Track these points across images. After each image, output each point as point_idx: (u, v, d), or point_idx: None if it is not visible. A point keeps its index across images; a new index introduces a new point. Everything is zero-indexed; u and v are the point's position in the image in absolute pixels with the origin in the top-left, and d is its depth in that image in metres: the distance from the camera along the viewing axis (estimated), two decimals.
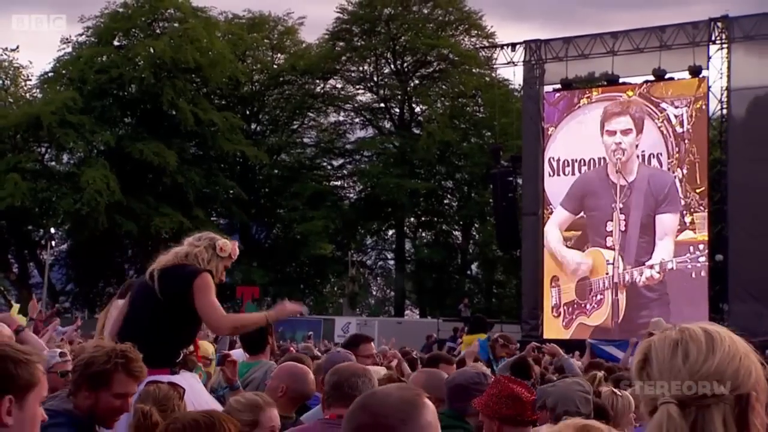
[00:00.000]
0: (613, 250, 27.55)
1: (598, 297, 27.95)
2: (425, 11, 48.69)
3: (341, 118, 51.53)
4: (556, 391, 5.91)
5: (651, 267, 27.16)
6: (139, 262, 46.95)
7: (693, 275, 27.05)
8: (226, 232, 40.69)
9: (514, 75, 33.50)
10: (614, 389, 6.77)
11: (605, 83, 28.90)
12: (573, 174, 28.61)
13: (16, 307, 10.15)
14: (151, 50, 42.95)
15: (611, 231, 27.61)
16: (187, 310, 5.91)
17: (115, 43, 44.61)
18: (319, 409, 5.70)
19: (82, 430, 4.44)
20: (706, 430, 2.09)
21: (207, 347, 8.00)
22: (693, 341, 2.19)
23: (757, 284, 25.86)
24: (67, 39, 45.29)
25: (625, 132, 27.73)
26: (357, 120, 51.38)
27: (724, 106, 27.88)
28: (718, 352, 2.16)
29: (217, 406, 5.28)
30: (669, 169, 27.28)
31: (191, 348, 6.57)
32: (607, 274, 27.73)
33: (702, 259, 27.04)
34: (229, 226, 44.22)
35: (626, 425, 6.44)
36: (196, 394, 5.49)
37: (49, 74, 45.40)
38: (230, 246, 6.26)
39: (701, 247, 27.14)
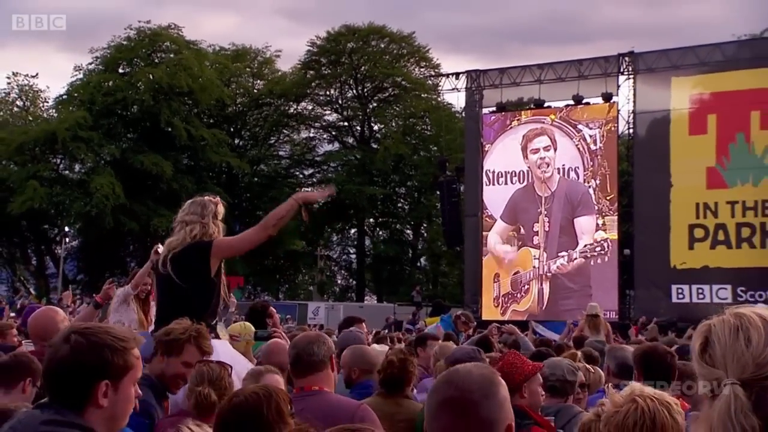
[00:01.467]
0: (539, 248, 27.79)
1: (526, 287, 28.20)
2: (382, 45, 49.29)
3: (311, 135, 51.99)
4: (549, 363, 5.84)
5: (571, 260, 27.39)
6: (140, 255, 47.18)
7: (605, 268, 27.20)
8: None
9: (457, 99, 33.71)
10: (587, 365, 6.77)
11: (533, 107, 29.13)
12: (506, 183, 28.71)
13: None
14: (151, 76, 43.24)
15: (537, 232, 27.84)
16: (207, 283, 5.67)
17: (120, 70, 44.68)
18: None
19: (155, 391, 4.39)
20: (766, 407, 2.07)
21: (236, 327, 7.55)
22: (753, 327, 2.17)
23: (656, 274, 26.42)
24: (78, 67, 45.95)
25: (547, 149, 28.01)
26: (324, 136, 51.80)
27: (631, 126, 28.21)
28: None
29: (250, 365, 5.32)
30: (584, 180, 27.44)
31: None
32: (534, 267, 27.94)
33: (613, 254, 27.29)
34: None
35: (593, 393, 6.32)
36: (232, 359, 5.10)
37: (64, 97, 45.54)
38: (222, 208, 5.94)
39: (612, 244, 27.33)
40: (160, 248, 7.76)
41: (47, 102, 49.69)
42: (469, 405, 2.42)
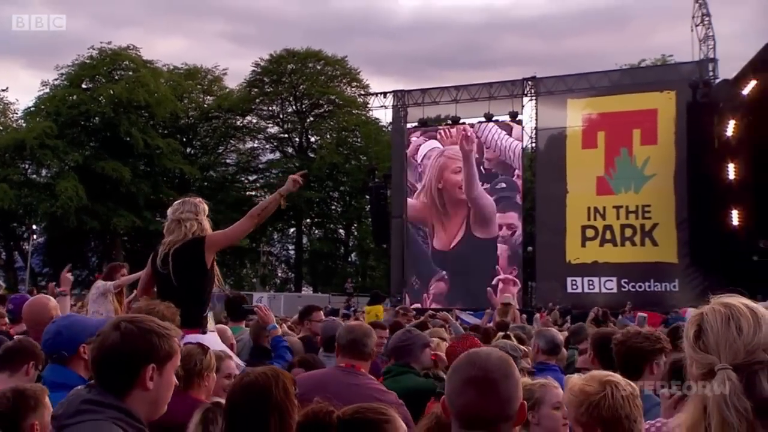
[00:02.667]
0: None
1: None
2: (318, 67, 49.43)
3: (255, 145, 51.73)
4: (501, 344, 5.68)
5: None
6: (100, 251, 46.78)
7: (513, 262, 27.65)
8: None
9: (384, 115, 33.78)
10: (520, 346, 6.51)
11: (450, 123, 29.34)
12: (438, 185, 28.78)
13: None
14: (111, 91, 42.69)
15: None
16: (204, 276, 5.52)
17: (83, 86, 43.98)
18: None
19: None
20: (756, 390, 2.04)
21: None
22: (743, 316, 2.14)
23: (554, 268, 26.81)
24: (45, 82, 45.30)
25: (463, 160, 28.25)
26: (267, 146, 51.60)
27: (533, 141, 28.55)
28: (763, 326, 2.12)
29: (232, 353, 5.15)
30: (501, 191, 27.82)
31: None
32: None
33: (519, 251, 27.77)
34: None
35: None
36: (218, 346, 4.90)
37: (32, 108, 44.67)
38: (206, 207, 5.83)
39: (520, 242, 27.79)
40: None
41: (16, 113, 48.67)
42: (492, 383, 2.41)
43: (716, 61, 25.46)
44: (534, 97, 28.11)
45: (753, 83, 22.16)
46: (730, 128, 22.74)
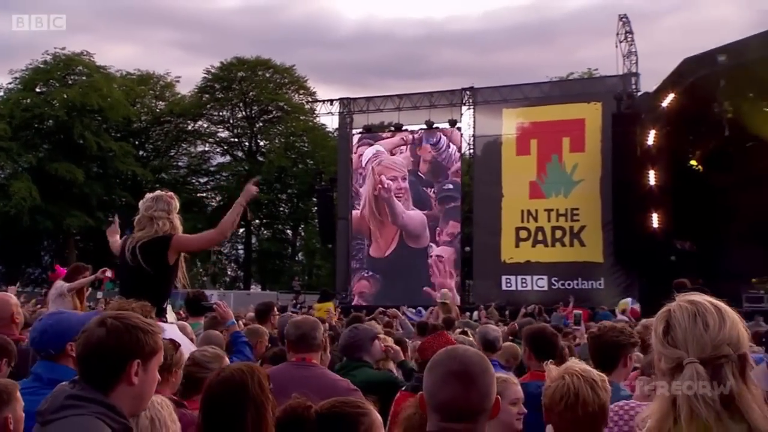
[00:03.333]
0: None
1: None
2: (267, 75, 49.08)
3: (206, 149, 51.04)
4: (463, 341, 5.67)
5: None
6: (53, 250, 45.89)
7: (453, 261, 27.80)
8: (120, 229, 40.48)
9: (331, 121, 33.39)
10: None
11: (393, 129, 29.46)
12: (374, 192, 28.74)
13: None
14: (65, 95, 41.66)
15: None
16: (166, 271, 5.44)
17: (37, 89, 42.85)
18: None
19: None
20: (722, 382, 2.05)
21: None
22: (708, 313, 2.15)
23: (490, 267, 26.89)
24: None
25: (404, 164, 28.41)
26: (218, 150, 50.87)
27: (471, 147, 28.61)
28: (727, 322, 2.13)
29: (193, 348, 4.91)
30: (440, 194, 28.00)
31: None
32: None
33: (458, 251, 27.91)
34: (122, 225, 43.41)
35: None
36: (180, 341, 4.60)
37: None
38: (178, 203, 5.68)
39: (458, 243, 27.94)
40: (108, 273, 7.71)
41: None
42: (472, 377, 2.39)
43: (638, 75, 25.90)
44: (472, 106, 28.23)
45: (671, 96, 22.81)
46: (651, 137, 23.25)
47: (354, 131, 30.07)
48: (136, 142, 48.80)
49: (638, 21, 21.76)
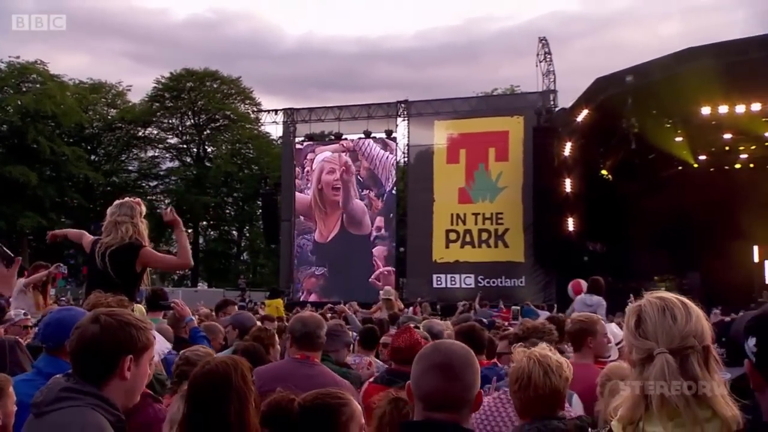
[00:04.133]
0: None
1: None
2: (215, 86, 48.59)
3: (156, 154, 50.12)
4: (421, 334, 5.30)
5: None
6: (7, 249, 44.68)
7: (385, 259, 27.86)
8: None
9: (275, 130, 33.18)
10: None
11: (334, 138, 29.51)
12: (336, 191, 28.58)
13: None
14: (20, 102, 40.65)
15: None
16: (134, 276, 5.40)
17: None
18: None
19: None
20: (689, 371, 2.06)
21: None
22: (676, 307, 2.15)
23: (422, 266, 27.02)
24: None
25: (344, 172, 28.35)
26: (167, 155, 50.05)
27: (406, 155, 28.74)
28: (693, 316, 2.14)
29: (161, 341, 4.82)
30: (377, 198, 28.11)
31: None
32: None
33: (393, 251, 27.96)
34: (73, 226, 42.67)
35: None
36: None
37: None
38: (144, 208, 5.63)
39: (393, 244, 28.00)
40: (62, 267, 7.64)
41: None
42: (456, 370, 2.36)
43: (556, 93, 26.23)
44: (406, 118, 28.28)
45: (585, 112, 23.24)
46: (567, 149, 23.68)
47: (297, 139, 29.85)
48: (89, 147, 47.73)
49: (556, 43, 22.49)
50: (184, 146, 50.47)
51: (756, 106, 23.31)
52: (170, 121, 49.57)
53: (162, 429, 3.15)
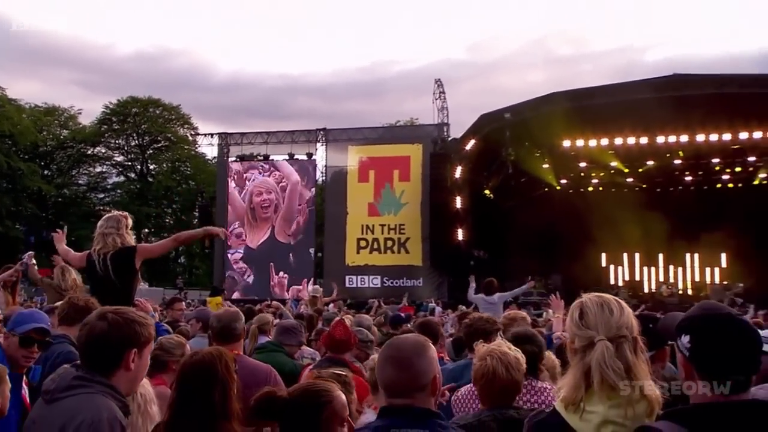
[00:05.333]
0: None
1: None
2: (157, 112, 47.12)
3: (104, 170, 48.23)
4: (357, 329, 5.31)
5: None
6: None
7: (308, 265, 27.57)
8: (26, 235, 38.12)
9: (211, 151, 32.72)
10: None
11: (262, 159, 28.77)
12: (266, 209, 27.87)
13: None
14: None
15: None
16: (133, 274, 5.15)
17: None
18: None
19: (73, 344, 3.81)
20: (623, 356, 2.06)
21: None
22: (612, 303, 2.16)
23: (337, 269, 26.49)
24: None
25: (269, 191, 27.96)
26: (114, 171, 48.25)
27: (324, 175, 28.51)
28: (624, 312, 2.15)
29: None
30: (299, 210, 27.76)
31: None
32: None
33: (312, 256, 27.77)
34: (28, 232, 40.73)
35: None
36: None
37: None
38: (131, 221, 5.39)
39: (312, 250, 27.82)
40: (26, 257, 7.26)
41: None
42: (406, 361, 2.27)
43: (449, 125, 26.62)
44: (324, 143, 28.10)
45: (472, 142, 23.69)
46: (458, 172, 23.98)
47: (230, 159, 29.23)
48: (42, 163, 45.63)
49: (448, 84, 22.97)
50: (129, 163, 48.86)
51: (604, 141, 24.42)
52: (117, 141, 47.88)
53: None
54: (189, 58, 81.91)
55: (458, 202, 24.01)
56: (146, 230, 48.45)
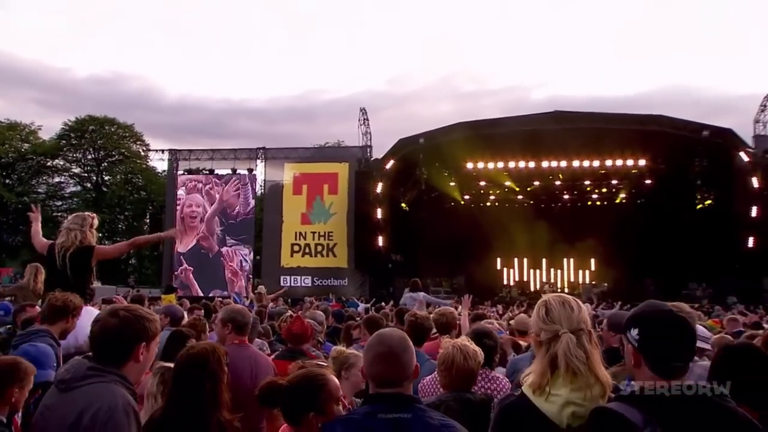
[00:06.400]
0: None
1: None
2: (112, 129, 44.81)
3: (62, 180, 45.53)
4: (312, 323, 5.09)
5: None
6: None
7: (246, 267, 26.74)
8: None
9: (161, 164, 31.60)
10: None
11: (208, 173, 27.78)
12: (193, 219, 26.85)
13: None
14: None
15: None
16: (88, 273, 5.06)
17: None
18: None
19: (53, 338, 3.86)
20: (583, 346, 2.07)
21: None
22: (571, 302, 2.16)
23: (273, 270, 26.10)
24: None
25: (197, 204, 27.00)
26: (71, 181, 45.54)
27: (263, 188, 28.00)
28: (582, 309, 2.16)
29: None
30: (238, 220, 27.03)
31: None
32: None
33: (251, 260, 26.92)
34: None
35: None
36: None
37: None
38: (96, 221, 5.32)
39: (251, 254, 27.00)
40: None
41: None
42: (396, 356, 2.23)
43: (372, 147, 26.47)
44: (264, 160, 27.45)
45: (391, 162, 23.76)
46: (379, 188, 23.86)
47: (178, 173, 28.14)
48: (4, 173, 42.83)
49: (371, 111, 22.94)
50: (86, 174, 46.34)
51: (500, 164, 25.17)
52: (74, 155, 45.36)
53: None
54: (141, 82, 79.36)
55: (379, 213, 23.91)
56: (100, 235, 46.21)
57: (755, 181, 21.01)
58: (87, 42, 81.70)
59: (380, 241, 24.07)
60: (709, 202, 24.77)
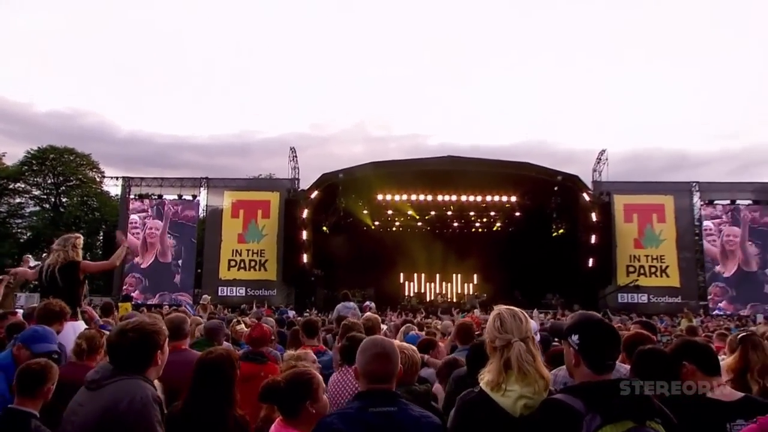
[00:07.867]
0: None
1: None
2: (71, 158, 40.87)
3: (23, 201, 40.92)
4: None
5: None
6: None
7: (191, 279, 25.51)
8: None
9: (115, 189, 29.46)
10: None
11: (157, 198, 26.05)
12: (150, 237, 25.41)
13: None
14: None
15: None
16: (78, 284, 4.86)
17: None
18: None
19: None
20: (530, 351, 2.08)
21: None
22: (519, 314, 2.16)
23: (212, 282, 24.80)
24: None
25: (156, 229, 25.61)
26: (31, 202, 40.92)
27: (205, 212, 26.14)
28: (529, 320, 2.18)
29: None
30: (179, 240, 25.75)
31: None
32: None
33: (193, 273, 25.63)
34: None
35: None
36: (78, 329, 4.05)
37: None
38: (80, 241, 5.10)
39: (194, 268, 25.65)
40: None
41: None
42: (388, 356, 2.20)
43: (299, 179, 25.96)
44: (206, 188, 26.31)
45: (315, 192, 23.35)
46: (304, 214, 23.35)
47: (131, 197, 26.44)
48: None
49: (299, 149, 22.44)
50: (45, 196, 41.97)
51: (404, 197, 25.40)
52: (35, 179, 40.91)
53: None
54: (97, 118, 75.20)
55: (304, 235, 23.59)
56: None
57: (594, 216, 22.66)
58: (46, 81, 77.21)
59: (305, 258, 23.66)
60: (561, 231, 26.25)
